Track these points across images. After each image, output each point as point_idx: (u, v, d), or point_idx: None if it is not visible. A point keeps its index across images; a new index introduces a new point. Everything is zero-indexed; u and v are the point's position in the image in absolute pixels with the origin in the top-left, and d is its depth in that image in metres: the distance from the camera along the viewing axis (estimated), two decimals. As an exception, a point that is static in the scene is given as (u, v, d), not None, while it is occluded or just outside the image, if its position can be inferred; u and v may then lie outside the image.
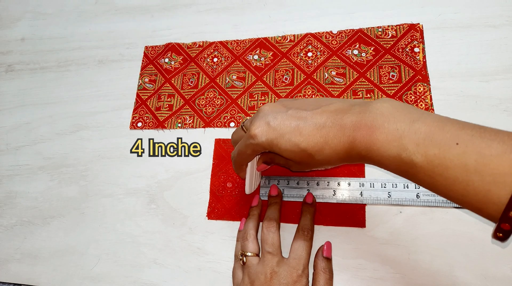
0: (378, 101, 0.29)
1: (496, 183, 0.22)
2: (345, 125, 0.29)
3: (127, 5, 0.60)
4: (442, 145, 0.24)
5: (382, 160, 0.27)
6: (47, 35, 0.62)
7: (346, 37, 0.49)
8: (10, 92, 0.59)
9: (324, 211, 0.41)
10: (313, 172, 0.42)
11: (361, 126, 0.28)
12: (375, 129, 0.27)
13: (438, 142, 0.25)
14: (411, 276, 0.37)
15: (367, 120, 0.28)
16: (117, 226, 0.47)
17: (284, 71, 0.49)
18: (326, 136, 0.29)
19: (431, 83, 0.44)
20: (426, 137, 0.25)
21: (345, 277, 0.38)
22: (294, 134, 0.30)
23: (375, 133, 0.27)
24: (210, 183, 0.45)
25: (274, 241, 0.36)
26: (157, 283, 0.43)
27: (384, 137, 0.27)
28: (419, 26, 0.47)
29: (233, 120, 0.48)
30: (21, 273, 0.47)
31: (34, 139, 0.55)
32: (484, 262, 0.36)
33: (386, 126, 0.27)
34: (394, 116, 0.27)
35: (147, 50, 0.56)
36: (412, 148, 0.26)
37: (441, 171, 0.24)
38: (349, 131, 0.28)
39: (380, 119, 0.27)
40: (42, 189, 0.51)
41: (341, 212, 0.40)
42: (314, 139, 0.29)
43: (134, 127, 0.51)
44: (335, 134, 0.29)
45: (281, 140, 0.31)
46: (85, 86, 0.56)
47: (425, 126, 0.26)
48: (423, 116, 0.27)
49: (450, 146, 0.24)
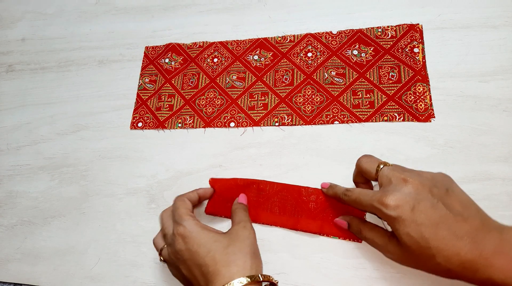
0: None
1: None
2: (484, 247, 0.27)
3: (128, 6, 0.60)
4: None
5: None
6: (48, 35, 0.62)
7: (345, 37, 0.49)
8: (10, 92, 0.59)
9: (325, 223, 0.40)
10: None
11: (503, 252, 0.27)
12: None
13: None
14: (411, 276, 0.37)
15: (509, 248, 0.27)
16: (117, 226, 0.47)
17: (284, 71, 0.49)
18: (459, 249, 0.28)
19: (430, 83, 0.44)
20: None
21: (345, 277, 0.38)
22: (429, 229, 0.29)
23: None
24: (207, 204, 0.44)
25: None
26: (157, 283, 0.43)
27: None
28: (418, 26, 0.47)
29: (233, 120, 0.48)
30: (22, 272, 0.47)
31: (35, 139, 0.55)
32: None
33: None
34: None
35: (147, 50, 0.56)
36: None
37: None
38: (487, 254, 0.27)
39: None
40: (42, 189, 0.51)
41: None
42: (447, 245, 0.28)
43: (134, 127, 0.52)
44: (470, 250, 0.27)
45: (412, 226, 0.29)
46: (86, 86, 0.56)
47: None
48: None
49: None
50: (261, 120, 0.48)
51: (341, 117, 0.45)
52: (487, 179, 0.39)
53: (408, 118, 0.43)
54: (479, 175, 0.39)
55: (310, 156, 0.44)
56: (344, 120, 0.45)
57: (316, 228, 0.40)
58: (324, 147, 0.44)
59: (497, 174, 0.39)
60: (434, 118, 0.42)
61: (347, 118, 0.45)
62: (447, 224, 0.29)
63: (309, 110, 0.46)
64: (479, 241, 0.28)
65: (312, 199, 0.41)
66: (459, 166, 0.40)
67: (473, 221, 0.29)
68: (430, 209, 0.29)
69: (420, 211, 0.29)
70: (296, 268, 0.40)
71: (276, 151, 0.46)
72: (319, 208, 0.41)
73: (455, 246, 0.28)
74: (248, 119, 0.48)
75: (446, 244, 0.28)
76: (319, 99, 0.47)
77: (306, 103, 0.47)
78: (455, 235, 0.28)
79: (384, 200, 0.31)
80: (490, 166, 0.39)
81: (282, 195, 0.42)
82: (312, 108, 0.46)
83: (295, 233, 0.41)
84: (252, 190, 0.43)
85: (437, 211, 0.29)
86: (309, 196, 0.41)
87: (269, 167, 0.45)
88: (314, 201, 0.41)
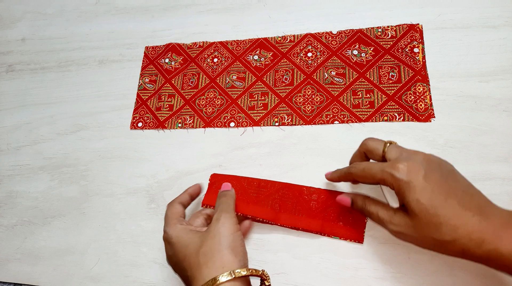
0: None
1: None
2: (492, 220, 0.28)
3: (128, 6, 0.60)
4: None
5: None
6: (48, 35, 0.62)
7: (345, 37, 0.49)
8: (10, 92, 0.59)
9: (325, 223, 0.40)
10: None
11: (510, 225, 0.27)
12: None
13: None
14: (411, 276, 0.37)
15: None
16: (117, 226, 0.47)
17: (284, 71, 0.49)
18: (467, 219, 0.28)
19: (430, 83, 0.44)
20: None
21: (345, 277, 0.38)
22: (439, 197, 0.29)
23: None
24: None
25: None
26: (157, 282, 0.43)
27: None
28: (418, 26, 0.47)
29: (233, 120, 0.48)
30: (22, 272, 0.47)
31: (35, 139, 0.55)
32: (483, 262, 0.36)
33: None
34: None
35: (147, 50, 0.56)
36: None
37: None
38: (495, 226, 0.27)
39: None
40: (42, 189, 0.51)
41: (340, 225, 0.40)
42: (455, 215, 0.28)
43: (134, 127, 0.52)
44: (478, 221, 0.28)
45: (422, 192, 0.29)
46: (86, 86, 0.56)
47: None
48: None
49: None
50: (261, 120, 0.48)
51: (341, 117, 0.45)
52: (487, 179, 0.39)
53: (408, 118, 0.43)
54: (479, 175, 0.39)
55: (310, 156, 0.44)
56: (344, 120, 0.45)
57: (316, 227, 0.40)
58: (324, 147, 0.44)
59: (497, 174, 0.39)
60: (434, 118, 0.42)
61: (347, 118, 0.45)
62: (457, 195, 0.29)
63: (309, 110, 0.46)
64: (487, 214, 0.28)
65: (314, 198, 0.41)
66: (459, 166, 0.40)
67: (480, 199, 0.30)
68: (441, 179, 0.30)
69: (431, 179, 0.29)
70: (296, 268, 0.40)
71: (276, 151, 0.46)
72: (320, 208, 0.41)
73: (463, 216, 0.28)
74: (248, 119, 0.48)
75: (455, 214, 0.28)
76: (319, 99, 0.47)
77: (306, 103, 0.47)
78: (464, 206, 0.28)
79: (396, 164, 0.31)
80: (490, 166, 0.39)
81: (283, 193, 0.42)
82: (312, 108, 0.46)
83: (295, 233, 0.41)
84: (252, 187, 0.43)
85: (447, 182, 0.30)
86: (310, 195, 0.41)
87: (269, 167, 0.45)
88: (315, 200, 0.41)
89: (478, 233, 0.27)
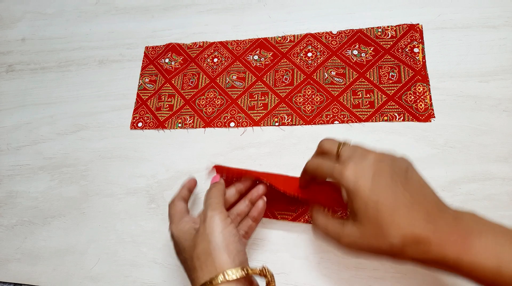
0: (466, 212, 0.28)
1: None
2: (438, 226, 0.27)
3: (128, 6, 0.60)
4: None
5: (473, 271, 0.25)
6: (48, 35, 0.62)
7: (345, 37, 0.49)
8: (10, 92, 0.59)
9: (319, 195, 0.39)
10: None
11: (457, 232, 0.26)
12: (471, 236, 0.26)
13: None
14: (411, 276, 0.37)
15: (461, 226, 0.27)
16: (117, 226, 0.47)
17: (284, 71, 0.49)
18: (414, 226, 0.27)
19: (430, 83, 0.44)
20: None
21: (345, 277, 0.38)
22: (387, 203, 0.28)
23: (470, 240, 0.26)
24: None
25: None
26: (157, 282, 0.43)
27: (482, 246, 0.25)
28: (418, 26, 0.47)
29: (233, 120, 0.48)
30: (22, 272, 0.47)
31: (35, 139, 0.55)
32: (483, 262, 0.36)
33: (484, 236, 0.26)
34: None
35: (147, 50, 0.56)
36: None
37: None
38: (442, 232, 0.27)
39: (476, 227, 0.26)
40: (42, 189, 0.51)
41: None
42: (403, 221, 0.27)
43: (134, 127, 0.52)
44: (425, 227, 0.27)
45: (369, 199, 0.28)
46: (86, 86, 0.56)
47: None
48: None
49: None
50: (261, 120, 0.48)
51: (341, 117, 0.45)
52: (487, 179, 0.39)
53: (408, 118, 0.43)
54: (479, 175, 0.39)
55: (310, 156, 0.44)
56: (344, 120, 0.45)
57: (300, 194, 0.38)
58: (324, 147, 0.44)
59: (497, 174, 0.39)
60: (434, 118, 0.42)
61: (347, 118, 0.45)
62: (405, 201, 0.28)
63: (309, 110, 0.46)
64: (434, 220, 0.27)
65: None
66: (459, 166, 0.40)
67: (429, 203, 0.28)
68: (390, 182, 0.29)
69: (379, 184, 0.29)
70: (296, 268, 0.40)
71: (276, 151, 0.46)
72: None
73: (410, 223, 0.27)
74: (248, 119, 0.48)
75: (403, 220, 0.27)
76: (319, 99, 0.47)
77: (306, 103, 0.47)
78: (411, 212, 0.27)
79: (344, 172, 0.30)
80: (490, 166, 0.39)
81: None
82: (312, 108, 0.46)
83: (295, 233, 0.41)
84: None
85: (396, 187, 0.29)
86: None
87: (269, 167, 0.45)
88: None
89: (425, 240, 0.27)
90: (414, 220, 0.27)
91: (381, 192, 0.28)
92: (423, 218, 0.27)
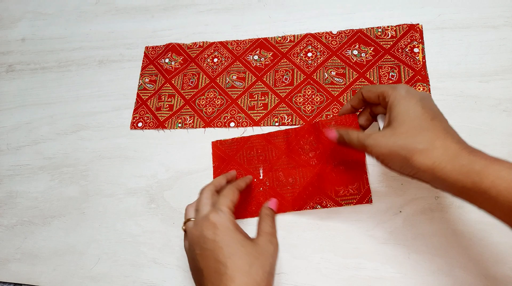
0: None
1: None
2: (467, 145, 0.30)
3: (128, 6, 0.60)
4: None
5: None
6: (48, 35, 0.62)
7: (345, 37, 0.49)
8: (10, 92, 0.59)
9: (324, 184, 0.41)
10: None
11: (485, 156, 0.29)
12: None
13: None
14: (411, 276, 0.37)
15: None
16: (117, 226, 0.47)
17: (284, 71, 0.49)
18: (446, 137, 0.30)
19: (430, 83, 0.44)
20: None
21: (345, 277, 0.38)
22: (427, 115, 0.31)
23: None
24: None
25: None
26: (157, 282, 0.43)
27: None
28: (418, 26, 0.47)
29: (233, 120, 0.48)
30: (22, 272, 0.47)
31: (35, 139, 0.55)
32: (484, 262, 0.36)
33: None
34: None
35: (147, 50, 0.56)
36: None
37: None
38: (470, 149, 0.29)
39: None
40: (42, 189, 0.51)
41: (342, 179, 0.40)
42: (437, 132, 0.30)
43: (134, 127, 0.52)
44: (457, 141, 0.30)
45: (414, 106, 0.32)
46: (86, 86, 0.56)
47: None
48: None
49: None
50: (261, 120, 0.48)
51: (341, 117, 0.45)
52: (487, 179, 0.39)
53: (408, 118, 0.43)
54: (479, 175, 0.39)
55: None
56: (344, 120, 0.45)
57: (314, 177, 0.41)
58: (324, 147, 0.44)
59: (497, 174, 0.39)
60: (434, 118, 0.42)
61: (347, 118, 0.45)
62: (442, 123, 0.31)
63: (309, 110, 0.46)
64: (464, 145, 0.30)
65: (310, 154, 0.43)
66: (459, 166, 0.40)
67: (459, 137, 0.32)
68: (433, 108, 0.32)
69: (424, 103, 0.32)
70: (296, 268, 0.40)
71: (276, 151, 0.46)
72: (317, 163, 0.42)
73: (443, 135, 0.30)
74: (248, 119, 0.48)
75: (436, 132, 0.30)
76: (319, 99, 0.47)
77: (306, 103, 0.47)
78: (447, 132, 0.31)
79: (396, 86, 0.34)
80: (490, 166, 0.39)
81: (272, 151, 0.45)
82: (312, 108, 0.46)
83: (295, 233, 0.41)
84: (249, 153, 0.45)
85: (438, 113, 0.32)
86: (304, 148, 0.43)
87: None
88: (313, 156, 0.43)
89: (454, 150, 0.29)
90: (448, 137, 0.30)
91: (425, 108, 0.32)
92: (458, 141, 0.30)
